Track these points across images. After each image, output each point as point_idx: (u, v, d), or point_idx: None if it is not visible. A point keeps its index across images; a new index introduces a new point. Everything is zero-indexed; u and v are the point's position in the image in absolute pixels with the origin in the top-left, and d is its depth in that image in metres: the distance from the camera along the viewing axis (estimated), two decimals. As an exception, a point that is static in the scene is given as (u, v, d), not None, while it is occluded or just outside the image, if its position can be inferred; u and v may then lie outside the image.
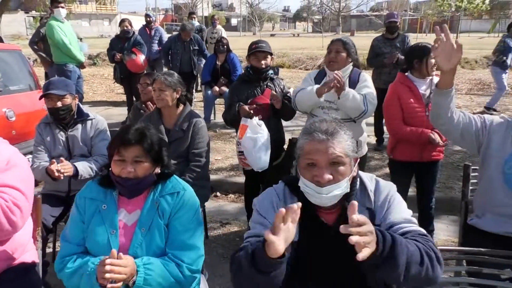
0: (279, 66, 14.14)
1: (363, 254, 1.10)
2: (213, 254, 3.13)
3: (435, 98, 2.02)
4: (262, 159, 2.94)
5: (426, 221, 3.09)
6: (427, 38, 29.28)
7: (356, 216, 1.12)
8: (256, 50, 3.08)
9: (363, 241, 1.11)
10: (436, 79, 2.83)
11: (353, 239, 1.09)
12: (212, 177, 4.44)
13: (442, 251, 1.63)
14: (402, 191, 3.06)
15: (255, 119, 2.95)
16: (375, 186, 1.49)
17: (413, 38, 27.27)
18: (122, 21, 6.75)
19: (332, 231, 1.41)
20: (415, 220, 1.42)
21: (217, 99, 6.78)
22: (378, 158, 5.09)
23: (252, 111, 2.96)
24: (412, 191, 3.25)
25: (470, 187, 2.38)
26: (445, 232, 3.45)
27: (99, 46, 17.31)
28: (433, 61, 2.77)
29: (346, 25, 48.54)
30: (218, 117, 6.74)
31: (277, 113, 3.13)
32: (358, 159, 1.47)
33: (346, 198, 1.41)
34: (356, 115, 2.77)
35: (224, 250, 3.19)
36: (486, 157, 2.08)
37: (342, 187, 1.37)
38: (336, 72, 2.68)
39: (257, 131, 2.93)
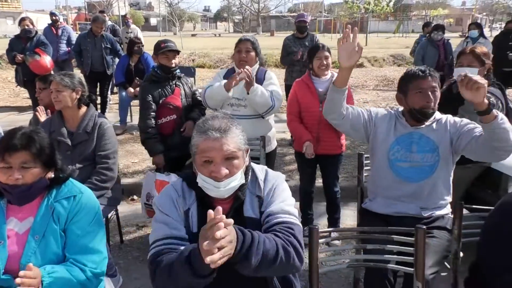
0: (200, 66, 14.10)
1: (211, 258, 1.15)
2: (128, 257, 3.07)
3: (331, 94, 2.18)
4: None
5: (332, 209, 3.32)
6: (341, 38, 31.07)
7: (219, 233, 1.16)
8: (167, 49, 3.08)
9: (221, 255, 1.17)
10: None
11: (205, 247, 1.15)
12: (128, 180, 4.33)
13: (339, 231, 1.79)
14: (309, 181, 3.29)
15: (173, 176, 2.94)
16: (264, 175, 1.59)
17: (328, 38, 28.75)
18: (22, 19, 6.27)
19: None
20: (293, 210, 1.53)
21: (133, 101, 6.57)
22: (292, 153, 5.30)
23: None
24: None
25: (365, 174, 2.61)
26: (352, 218, 3.71)
27: (1, 47, 15.84)
28: (319, 61, 3.00)
29: (266, 25, 49.76)
30: (134, 119, 6.54)
31: None
32: (249, 150, 1.56)
33: (239, 188, 1.50)
34: (265, 110, 2.90)
35: (140, 253, 3.13)
36: (374, 146, 2.30)
37: (237, 179, 1.46)
38: (246, 67, 2.78)
39: None
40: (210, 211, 1.19)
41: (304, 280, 2.11)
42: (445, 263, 2.11)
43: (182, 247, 1.38)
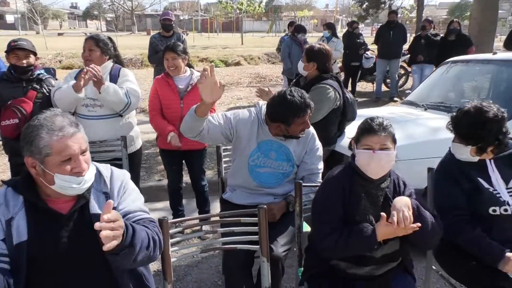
0: (68, 67, 13.02)
1: (109, 245, 1.21)
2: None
3: (190, 121, 2.12)
4: None
5: (202, 203, 3.40)
6: (219, 38, 31.76)
7: (107, 216, 1.22)
8: (15, 48, 2.80)
9: (113, 235, 1.23)
10: (197, 74, 3.13)
11: (104, 233, 1.20)
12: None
13: (188, 220, 1.86)
14: (176, 178, 3.32)
15: None
16: (110, 173, 1.59)
17: (206, 37, 28.93)
18: None
19: (66, 219, 1.46)
20: (146, 208, 1.60)
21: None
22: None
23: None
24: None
25: (224, 165, 2.74)
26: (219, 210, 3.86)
27: None
28: (167, 62, 3.05)
29: (142, 24, 48.00)
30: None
31: None
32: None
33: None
34: (121, 108, 2.81)
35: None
36: (237, 147, 2.35)
37: (91, 171, 1.50)
38: (91, 65, 2.66)
39: None
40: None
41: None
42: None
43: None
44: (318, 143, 2.43)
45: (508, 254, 1.78)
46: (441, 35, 7.90)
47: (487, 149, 1.93)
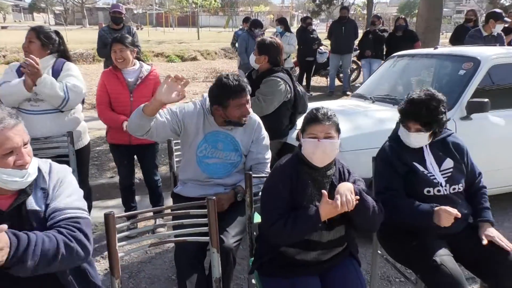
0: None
1: None
2: None
3: (138, 120, 2.09)
4: None
5: (155, 198, 3.36)
6: (175, 32, 31.15)
7: None
8: None
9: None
10: (147, 67, 3.07)
11: None
12: None
13: (136, 214, 1.83)
14: (128, 174, 3.25)
15: None
16: (49, 168, 1.55)
17: (161, 32, 28.30)
18: None
19: (5, 215, 1.41)
20: (81, 203, 1.54)
21: None
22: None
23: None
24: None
25: (176, 159, 2.72)
26: (175, 204, 3.83)
27: None
28: (114, 55, 2.99)
29: (93, 17, 46.15)
30: None
31: None
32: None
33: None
34: (58, 103, 2.68)
35: None
36: (185, 141, 2.36)
37: (34, 164, 1.48)
38: (31, 56, 2.55)
39: None
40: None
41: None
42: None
43: None
44: (265, 133, 2.47)
45: (437, 208, 1.92)
46: (389, 31, 8.23)
47: (438, 133, 2.05)
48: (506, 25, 5.45)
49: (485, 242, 1.94)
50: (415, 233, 2.02)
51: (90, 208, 3.02)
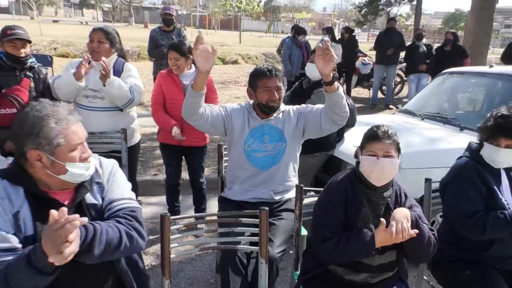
0: (63, 55, 12.88)
1: (59, 258, 1.20)
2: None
3: (190, 98, 2.14)
4: None
5: (199, 200, 3.40)
6: (217, 35, 31.62)
7: (73, 236, 1.21)
8: (14, 38, 2.77)
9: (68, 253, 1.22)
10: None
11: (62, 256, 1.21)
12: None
13: (189, 218, 1.86)
14: (175, 174, 3.32)
15: None
16: (99, 162, 1.62)
17: (204, 34, 28.77)
18: None
19: (69, 210, 1.43)
20: (132, 194, 1.61)
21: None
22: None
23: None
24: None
25: (224, 164, 2.75)
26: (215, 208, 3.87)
27: None
28: (171, 62, 3.03)
29: (139, 16, 47.55)
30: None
31: None
32: None
33: None
34: (124, 103, 2.82)
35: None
36: (232, 138, 2.40)
37: (93, 157, 1.56)
38: (103, 59, 2.68)
39: None
40: (53, 212, 1.19)
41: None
42: (292, 241, 2.35)
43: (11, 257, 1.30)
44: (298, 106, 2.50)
45: None
46: (435, 45, 7.99)
47: None
48: None
49: None
50: (469, 262, 1.94)
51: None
